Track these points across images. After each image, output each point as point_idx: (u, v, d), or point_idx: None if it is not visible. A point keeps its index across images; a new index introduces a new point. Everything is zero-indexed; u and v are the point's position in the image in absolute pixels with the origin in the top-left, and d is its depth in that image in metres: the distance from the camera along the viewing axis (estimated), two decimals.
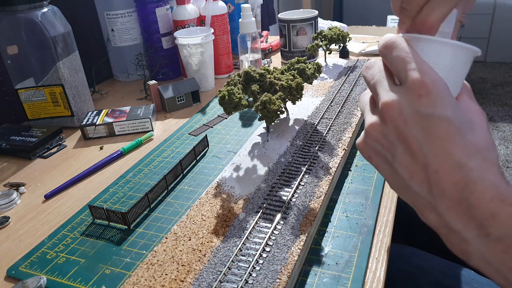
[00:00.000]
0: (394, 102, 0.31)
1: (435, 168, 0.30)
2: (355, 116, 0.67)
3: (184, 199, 0.55)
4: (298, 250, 0.41)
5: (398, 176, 0.33)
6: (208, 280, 0.38)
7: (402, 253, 0.58)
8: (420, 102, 0.30)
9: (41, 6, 0.72)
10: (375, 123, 0.33)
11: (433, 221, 0.32)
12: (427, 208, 0.32)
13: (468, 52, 0.32)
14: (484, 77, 3.01)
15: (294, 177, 0.52)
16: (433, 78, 0.30)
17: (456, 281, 0.53)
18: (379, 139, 0.33)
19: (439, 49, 0.31)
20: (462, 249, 0.31)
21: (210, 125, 0.75)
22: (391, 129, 0.32)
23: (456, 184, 0.29)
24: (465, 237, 0.30)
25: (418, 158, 0.31)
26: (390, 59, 0.32)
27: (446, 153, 0.29)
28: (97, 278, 0.43)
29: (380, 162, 0.35)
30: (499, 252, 0.28)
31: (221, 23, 0.98)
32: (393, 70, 0.33)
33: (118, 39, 1.01)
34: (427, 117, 0.29)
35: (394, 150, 0.32)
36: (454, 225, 0.30)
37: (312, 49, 0.90)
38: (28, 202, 0.59)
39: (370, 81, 0.35)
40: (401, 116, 0.31)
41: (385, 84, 0.33)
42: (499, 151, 2.15)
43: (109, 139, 0.75)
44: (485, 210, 0.28)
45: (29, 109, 0.78)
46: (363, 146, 0.36)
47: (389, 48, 0.32)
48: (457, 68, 0.32)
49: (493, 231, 0.28)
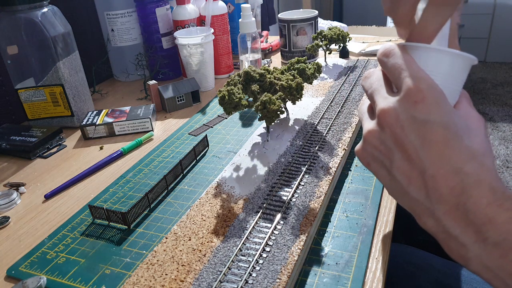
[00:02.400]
0: (391, 108, 0.31)
1: (432, 173, 0.30)
2: (355, 116, 0.67)
3: (184, 199, 0.55)
4: (298, 250, 0.41)
5: (396, 182, 0.33)
6: (208, 280, 0.38)
7: (402, 252, 0.58)
8: (416, 108, 0.30)
9: (41, 6, 0.72)
10: (373, 130, 0.34)
11: (432, 227, 0.32)
12: (425, 214, 0.32)
13: (465, 60, 0.32)
14: (484, 77, 3.01)
15: (294, 177, 0.52)
16: (429, 85, 0.30)
17: (456, 280, 0.53)
18: (377, 145, 0.34)
19: (436, 57, 0.32)
20: (460, 255, 0.31)
21: (210, 125, 0.75)
22: (389, 135, 0.32)
23: (453, 189, 0.29)
24: (463, 242, 0.30)
25: (415, 163, 0.31)
26: (388, 67, 0.33)
27: (442, 158, 0.29)
28: (97, 278, 0.43)
29: (379, 168, 0.35)
30: (497, 257, 0.28)
31: (221, 23, 0.98)
32: (390, 78, 0.33)
33: (118, 39, 1.01)
34: (423, 123, 0.30)
35: (392, 156, 0.33)
36: (452, 231, 0.30)
37: (312, 49, 0.90)
38: (28, 202, 0.59)
39: (368, 90, 0.35)
40: (397, 122, 0.31)
41: (383, 92, 0.33)
42: (499, 151, 2.15)
43: (109, 139, 0.75)
44: (482, 215, 0.28)
45: (29, 109, 0.78)
46: (361, 153, 0.36)
47: (387, 56, 0.33)
48: (455, 76, 0.32)
49: (491, 236, 0.28)
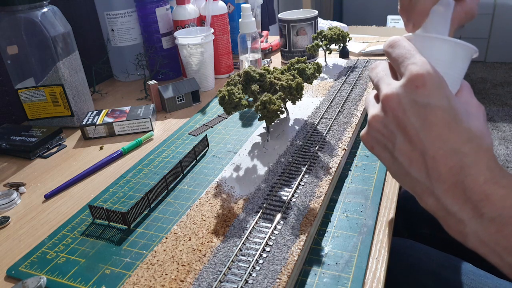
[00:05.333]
0: (394, 93, 0.33)
1: (432, 154, 0.32)
2: (355, 116, 0.67)
3: (184, 199, 0.55)
4: (298, 250, 0.41)
5: (398, 163, 0.35)
6: (208, 280, 0.38)
7: (401, 245, 0.60)
8: (417, 93, 0.32)
9: (41, 6, 0.72)
10: (377, 115, 0.36)
11: (431, 205, 0.34)
12: (425, 193, 0.34)
13: (465, 49, 0.34)
14: (484, 77, 3.01)
15: (294, 177, 0.52)
16: (430, 71, 0.32)
17: (454, 273, 0.54)
18: (381, 129, 0.36)
19: (438, 46, 0.34)
20: (459, 230, 0.33)
21: (210, 125, 0.75)
22: (391, 119, 0.34)
23: (452, 168, 0.31)
24: (461, 218, 0.32)
25: (416, 145, 0.33)
26: (393, 57, 0.35)
27: (441, 139, 0.31)
28: (97, 278, 0.43)
29: (382, 151, 0.37)
30: (493, 232, 0.30)
31: (221, 23, 0.98)
32: (395, 66, 0.35)
33: (118, 39, 1.01)
34: (423, 106, 0.32)
35: (394, 138, 0.35)
36: (451, 207, 0.32)
37: (312, 49, 0.90)
38: (28, 202, 0.59)
39: (374, 79, 0.38)
40: (400, 106, 0.33)
41: (387, 80, 0.35)
42: (499, 151, 2.15)
43: (109, 139, 0.75)
44: (480, 192, 0.30)
45: (29, 109, 0.78)
46: (366, 137, 0.39)
47: (392, 46, 0.35)
48: (456, 65, 0.34)
49: (487, 212, 0.30)
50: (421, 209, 0.38)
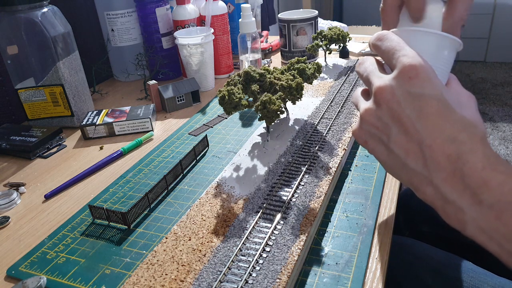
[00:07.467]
0: (387, 85, 0.33)
1: (429, 143, 0.32)
2: (355, 116, 0.67)
3: (184, 199, 0.55)
4: (298, 250, 0.41)
5: (394, 156, 0.35)
6: (208, 280, 0.38)
7: (401, 243, 0.60)
8: (411, 83, 0.32)
9: (41, 6, 0.72)
10: (370, 108, 0.36)
11: (430, 195, 0.34)
12: (423, 183, 0.34)
13: (450, 41, 0.35)
14: (484, 77, 3.01)
15: (294, 177, 0.52)
16: (421, 62, 0.32)
17: (454, 271, 0.54)
18: (374, 122, 0.36)
19: (424, 38, 0.35)
20: (458, 219, 0.32)
21: (210, 125, 0.75)
22: (385, 111, 0.34)
23: (450, 156, 0.31)
24: (460, 206, 0.32)
25: (412, 135, 0.33)
26: (382, 50, 0.36)
27: (438, 128, 0.31)
28: (97, 278, 0.43)
29: (376, 145, 0.37)
30: (492, 218, 0.30)
31: (221, 23, 0.98)
32: (384, 59, 0.36)
33: (118, 39, 1.01)
34: (418, 96, 0.32)
35: (389, 131, 0.34)
36: (450, 196, 0.32)
37: (312, 49, 0.90)
38: (28, 202, 0.59)
39: (363, 74, 0.38)
40: (394, 98, 0.33)
41: (378, 73, 0.36)
42: (499, 151, 2.15)
43: (109, 139, 0.75)
44: (478, 179, 0.30)
45: (29, 109, 0.78)
46: (358, 132, 0.38)
47: (381, 40, 0.36)
48: (442, 56, 0.35)
49: (486, 198, 0.30)
50: (421, 207, 0.38)
